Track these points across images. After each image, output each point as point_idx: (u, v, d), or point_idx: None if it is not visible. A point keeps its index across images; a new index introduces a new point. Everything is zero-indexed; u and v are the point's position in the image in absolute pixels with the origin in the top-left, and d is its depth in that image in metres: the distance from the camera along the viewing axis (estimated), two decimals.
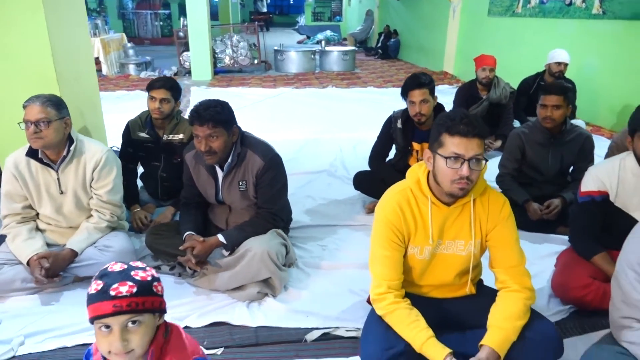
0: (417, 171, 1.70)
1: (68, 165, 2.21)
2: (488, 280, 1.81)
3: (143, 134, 2.80)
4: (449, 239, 1.69)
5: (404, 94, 2.77)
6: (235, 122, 2.17)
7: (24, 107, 2.11)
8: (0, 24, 2.28)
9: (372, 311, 1.73)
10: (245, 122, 2.87)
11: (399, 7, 12.55)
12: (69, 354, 1.79)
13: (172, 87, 2.71)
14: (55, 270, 2.10)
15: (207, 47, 8.73)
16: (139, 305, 1.07)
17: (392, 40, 12.45)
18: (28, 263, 2.10)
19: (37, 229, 2.27)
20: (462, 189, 1.52)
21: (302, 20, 21.60)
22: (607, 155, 2.78)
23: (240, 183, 2.21)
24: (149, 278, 1.12)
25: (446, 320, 1.71)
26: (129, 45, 10.04)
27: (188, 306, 2.05)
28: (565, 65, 4.44)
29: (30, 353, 1.78)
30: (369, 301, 2.03)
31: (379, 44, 12.99)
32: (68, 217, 2.27)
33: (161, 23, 18.87)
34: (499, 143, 4.17)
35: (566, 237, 2.45)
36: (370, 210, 3.00)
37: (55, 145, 2.15)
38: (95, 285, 1.08)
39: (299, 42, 15.60)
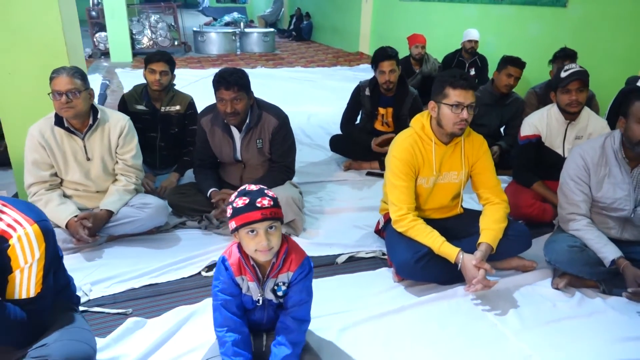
0: (420, 120, 2.20)
1: (93, 133, 2.37)
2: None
3: (140, 107, 2.96)
4: (446, 171, 2.22)
5: (374, 64, 3.25)
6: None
7: (52, 78, 2.22)
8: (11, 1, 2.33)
9: (391, 232, 2.22)
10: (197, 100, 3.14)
11: None
12: (138, 294, 2.04)
13: (169, 60, 2.91)
14: (94, 230, 2.28)
15: (126, 27, 8.45)
16: (276, 214, 1.42)
17: (305, 22, 12.88)
18: (66, 225, 2.25)
19: (64, 195, 2.40)
20: (462, 129, 2.04)
21: (206, 1, 21.08)
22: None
23: (258, 141, 2.53)
24: (275, 196, 1.47)
25: (445, 234, 2.23)
26: None
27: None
28: (476, 42, 5.25)
29: (102, 296, 1.99)
30: (376, 231, 2.53)
31: (292, 26, 13.34)
32: (96, 182, 2.42)
33: None
34: None
35: (506, 177, 3.17)
36: (347, 168, 3.47)
37: (83, 114, 2.30)
38: (242, 200, 1.40)
39: (206, 24, 15.34)
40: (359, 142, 3.45)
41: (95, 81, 6.55)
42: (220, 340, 1.46)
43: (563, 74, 2.58)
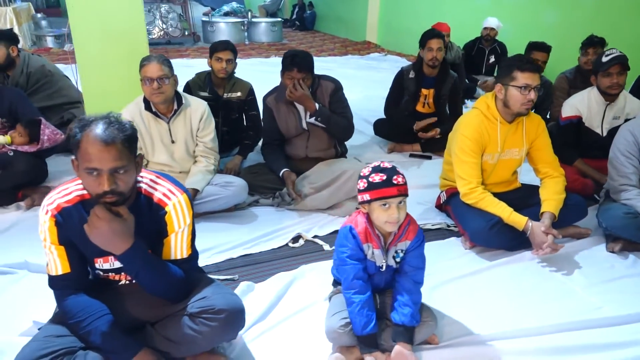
0: (485, 101, 2.40)
1: (177, 117, 2.54)
2: None
3: (204, 93, 3.12)
4: (508, 148, 2.43)
5: (423, 43, 3.45)
6: None
7: (142, 65, 2.39)
8: None
9: (458, 204, 2.43)
10: None
11: None
12: (237, 263, 2.23)
13: (233, 49, 3.07)
14: None
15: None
16: (406, 191, 1.61)
17: (309, 12, 12.97)
18: None
19: None
20: (528, 109, 2.25)
21: None
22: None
23: (319, 105, 2.73)
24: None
25: None
26: (39, 15, 9.32)
27: (304, 224, 2.56)
28: (492, 29, 5.45)
29: (206, 265, 2.18)
30: (437, 206, 2.74)
31: (294, 16, 13.43)
32: (180, 163, 2.60)
33: None
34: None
35: None
36: (391, 150, 3.68)
37: (170, 99, 2.47)
38: (379, 176, 1.57)
39: (205, 14, 15.33)
40: (401, 126, 3.65)
41: None
42: (348, 300, 1.64)
43: (604, 59, 2.79)
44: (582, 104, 2.98)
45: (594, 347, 1.73)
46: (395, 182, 1.57)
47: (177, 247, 1.55)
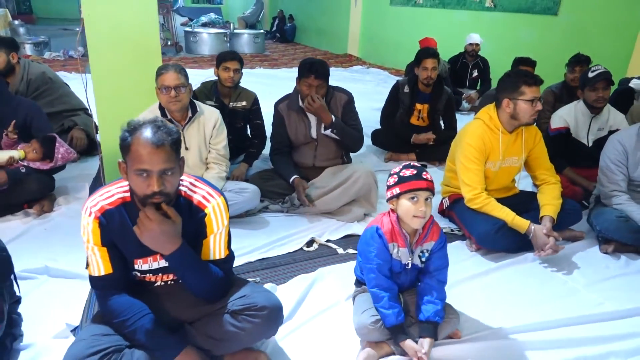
0: (488, 112, 2.56)
1: (191, 125, 2.59)
2: None
3: (210, 102, 3.17)
4: (508, 156, 2.58)
5: (418, 62, 3.60)
6: None
7: (160, 74, 2.44)
8: (114, 0, 2.52)
9: (463, 210, 2.56)
10: None
11: None
12: (256, 266, 2.30)
13: (240, 59, 3.15)
14: None
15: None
16: (434, 189, 1.72)
17: (289, 24, 13.15)
18: None
19: None
20: (535, 119, 2.41)
21: (181, 1, 20.94)
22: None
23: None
24: None
25: None
26: (16, 22, 9.14)
27: (315, 229, 2.65)
28: (477, 45, 5.71)
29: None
30: (439, 211, 2.87)
31: (274, 28, 13.58)
32: (193, 169, 2.63)
33: None
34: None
35: None
36: (388, 159, 3.81)
37: (186, 107, 2.52)
38: (409, 171, 1.69)
39: (183, 24, 15.31)
40: (399, 136, 3.79)
41: None
42: (376, 296, 1.72)
43: (591, 74, 3.00)
44: (570, 116, 3.18)
45: (599, 339, 1.86)
46: (424, 177, 1.69)
47: (215, 248, 1.61)
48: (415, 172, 1.69)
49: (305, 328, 1.87)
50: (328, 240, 2.55)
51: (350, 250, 2.45)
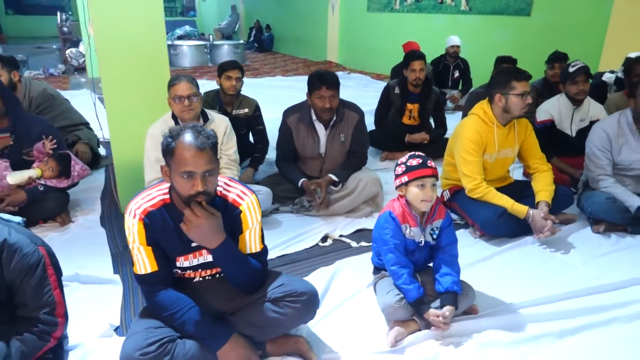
0: (482, 107, 2.74)
1: None
2: None
3: (214, 111, 3.27)
4: (503, 148, 2.77)
5: (406, 65, 3.79)
6: None
7: (173, 85, 2.54)
8: (124, 15, 2.61)
9: (464, 200, 2.73)
10: None
11: (268, 3, 13.42)
12: (277, 262, 2.41)
13: (241, 68, 3.27)
14: None
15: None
16: (438, 175, 1.88)
17: (266, 34, 13.30)
18: None
19: None
20: (526, 111, 2.60)
21: None
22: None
23: (341, 135, 2.95)
24: None
25: None
26: None
27: (327, 226, 2.78)
28: (458, 46, 5.95)
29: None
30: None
31: (252, 38, 13.71)
32: None
33: None
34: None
35: None
36: (384, 158, 3.97)
37: (198, 116, 2.63)
38: (415, 160, 1.85)
39: None
40: (392, 136, 3.97)
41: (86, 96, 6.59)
42: (396, 275, 1.87)
43: (571, 69, 3.22)
44: (554, 109, 3.40)
45: (602, 307, 2.04)
46: (429, 165, 1.86)
47: (251, 242, 1.72)
48: (420, 161, 1.86)
49: (333, 314, 1.99)
50: (341, 235, 2.68)
51: (363, 243, 2.60)
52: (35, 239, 1.56)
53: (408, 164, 1.87)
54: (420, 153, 1.90)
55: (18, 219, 1.76)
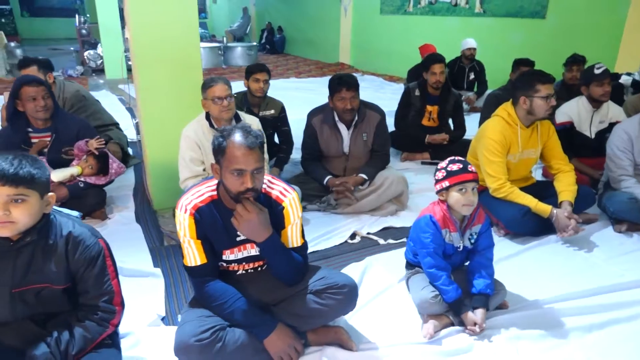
0: (506, 109, 2.81)
1: None
2: None
3: (241, 112, 3.37)
4: (526, 149, 2.84)
5: (426, 68, 3.87)
6: None
7: (210, 87, 2.63)
8: (161, 20, 2.71)
9: (489, 199, 2.79)
10: None
11: (280, 6, 13.54)
12: (311, 257, 2.47)
13: (268, 71, 3.38)
14: None
15: (120, 44, 8.61)
16: (478, 179, 1.95)
17: (278, 36, 13.42)
18: None
19: None
20: (550, 113, 2.67)
21: None
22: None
23: (364, 135, 3.04)
24: None
25: None
26: (12, 44, 9.21)
27: (354, 224, 2.86)
28: (474, 49, 6.02)
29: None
30: None
31: (264, 40, 13.83)
32: None
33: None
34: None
35: None
36: (405, 159, 4.06)
37: (234, 115, 2.73)
38: (456, 165, 1.92)
39: None
40: (412, 137, 4.05)
41: (106, 97, 6.75)
42: (434, 276, 1.94)
43: (597, 71, 3.27)
44: (573, 111, 3.46)
45: (627, 303, 2.11)
46: (470, 169, 1.92)
47: (293, 237, 1.81)
48: (461, 165, 1.92)
49: (368, 307, 2.07)
50: (369, 233, 2.77)
51: (391, 241, 2.68)
52: (95, 232, 1.66)
53: (448, 168, 1.93)
54: (460, 158, 1.96)
55: (76, 213, 1.85)
